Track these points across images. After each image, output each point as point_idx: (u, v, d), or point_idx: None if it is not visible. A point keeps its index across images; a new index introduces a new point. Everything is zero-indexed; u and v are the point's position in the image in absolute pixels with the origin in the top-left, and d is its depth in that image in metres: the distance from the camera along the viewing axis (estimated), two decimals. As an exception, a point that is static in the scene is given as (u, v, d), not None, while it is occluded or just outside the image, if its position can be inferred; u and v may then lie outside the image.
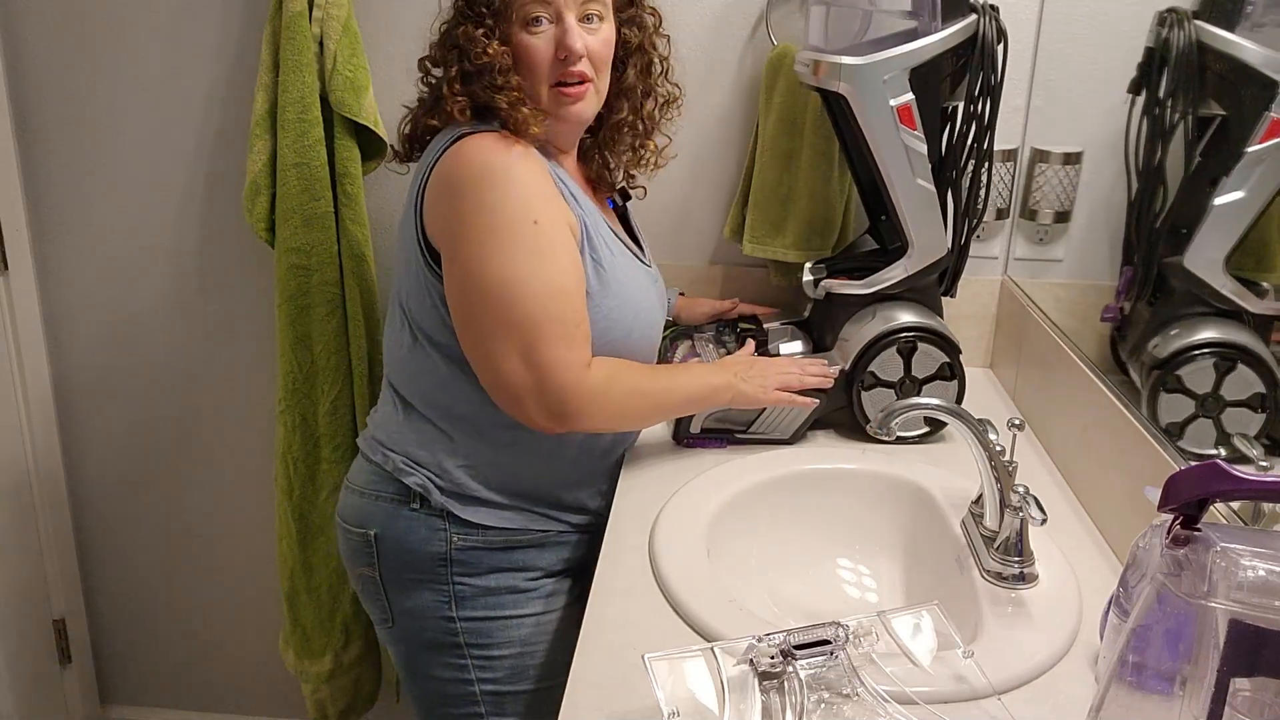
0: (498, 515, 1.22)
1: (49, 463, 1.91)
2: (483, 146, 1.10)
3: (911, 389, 1.37)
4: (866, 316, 1.39)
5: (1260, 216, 1.02)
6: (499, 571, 1.23)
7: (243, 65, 1.65)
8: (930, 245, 1.36)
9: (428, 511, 1.21)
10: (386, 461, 1.23)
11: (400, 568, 1.23)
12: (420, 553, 1.21)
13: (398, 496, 1.22)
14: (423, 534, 1.21)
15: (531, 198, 1.09)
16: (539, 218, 1.09)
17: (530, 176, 1.10)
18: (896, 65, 1.26)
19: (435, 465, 1.21)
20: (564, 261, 1.11)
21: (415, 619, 1.24)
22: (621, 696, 0.87)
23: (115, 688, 2.11)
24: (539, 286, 1.08)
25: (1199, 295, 1.08)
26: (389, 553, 1.22)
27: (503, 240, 1.07)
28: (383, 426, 1.26)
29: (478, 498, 1.21)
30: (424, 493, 1.20)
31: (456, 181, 1.10)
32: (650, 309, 1.25)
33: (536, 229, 1.08)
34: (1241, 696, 0.67)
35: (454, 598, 1.21)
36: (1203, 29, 1.11)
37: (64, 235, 1.79)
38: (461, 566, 1.21)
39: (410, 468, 1.21)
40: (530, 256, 1.08)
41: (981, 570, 1.03)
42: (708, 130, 1.64)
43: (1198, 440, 1.05)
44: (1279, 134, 0.99)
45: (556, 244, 1.10)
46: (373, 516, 1.23)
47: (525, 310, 1.08)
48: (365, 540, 1.23)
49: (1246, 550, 0.66)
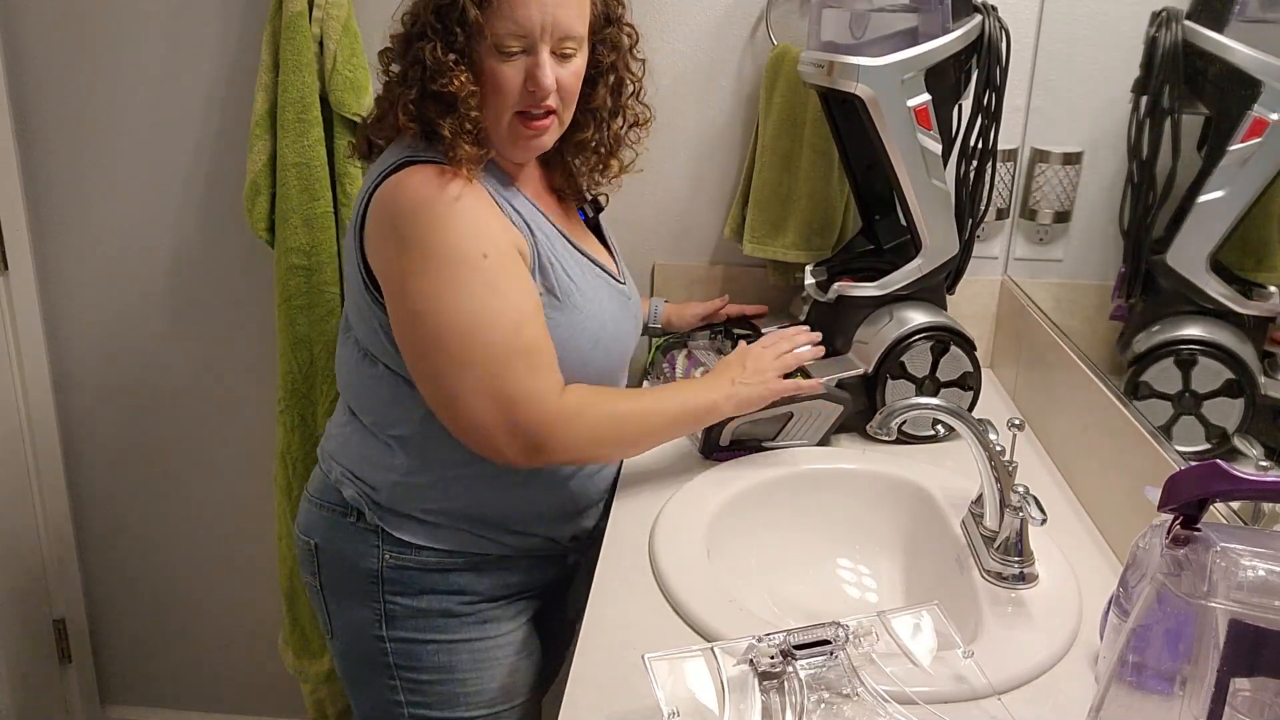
0: (433, 534, 1.16)
1: (49, 462, 1.91)
2: (424, 180, 1.04)
3: (930, 390, 1.38)
4: (882, 317, 1.39)
5: (1246, 215, 1.02)
6: (432, 593, 1.17)
7: (243, 65, 1.65)
8: (943, 245, 1.37)
9: (363, 526, 1.17)
10: (331, 471, 1.19)
11: (338, 580, 1.20)
12: (355, 567, 1.17)
13: (337, 507, 1.18)
14: (358, 548, 1.17)
15: (478, 231, 1.04)
16: (488, 250, 1.04)
17: (473, 211, 1.05)
18: (914, 66, 1.26)
19: (374, 479, 1.16)
20: (520, 290, 1.06)
21: (351, 634, 1.21)
22: (621, 696, 0.87)
23: (115, 688, 2.11)
24: (497, 320, 1.03)
25: (1184, 294, 1.08)
26: (328, 564, 1.20)
27: (454, 278, 1.02)
28: (334, 436, 1.23)
29: (414, 516, 1.16)
30: (359, 506, 1.16)
31: (398, 218, 1.04)
32: (614, 326, 1.18)
33: (487, 262, 1.03)
34: (1241, 696, 0.67)
35: (385, 616, 1.17)
36: (1189, 29, 1.11)
37: (64, 235, 1.79)
38: (393, 585, 1.17)
39: (350, 480, 1.17)
40: (484, 290, 1.03)
41: (981, 570, 1.03)
42: (708, 130, 1.64)
43: (1186, 438, 1.06)
44: (1261, 133, 0.99)
45: (510, 274, 1.05)
46: (316, 526, 1.21)
47: (486, 346, 1.03)
48: (308, 549, 1.22)
49: (1246, 550, 0.66)
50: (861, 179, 1.49)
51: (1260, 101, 0.99)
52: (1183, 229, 1.10)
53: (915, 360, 1.36)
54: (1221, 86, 1.08)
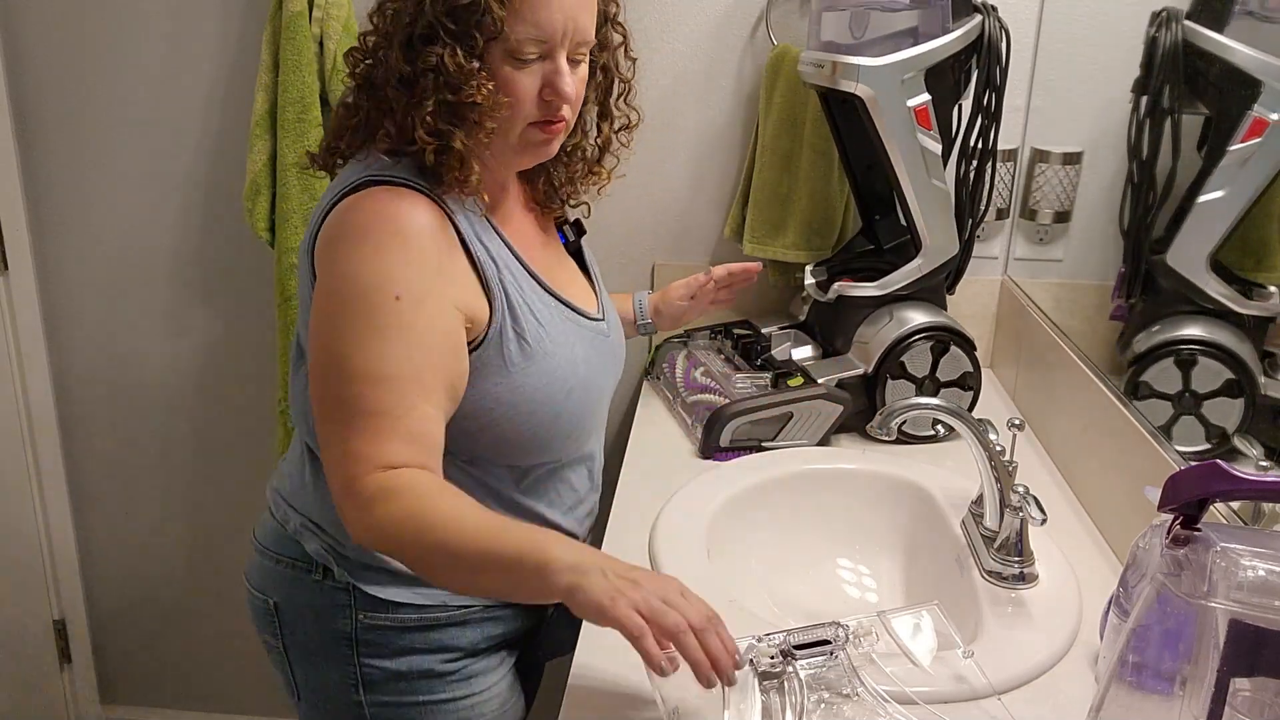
0: (410, 591, 1.04)
1: (49, 462, 1.91)
2: (379, 204, 0.94)
3: (930, 389, 1.38)
4: (882, 317, 1.39)
5: (1246, 215, 1.02)
6: (412, 653, 1.05)
7: (243, 65, 1.65)
8: (943, 245, 1.37)
9: (331, 584, 1.04)
10: (288, 521, 1.07)
11: (304, 641, 1.08)
12: (325, 629, 1.05)
13: (299, 562, 1.06)
14: (326, 608, 1.05)
15: (405, 269, 0.92)
16: (404, 293, 0.91)
17: (419, 246, 0.93)
18: (914, 65, 1.27)
19: (340, 530, 0.97)
20: (414, 348, 0.91)
21: (320, 697, 1.10)
22: (621, 696, 0.87)
23: (115, 688, 2.11)
24: (362, 368, 0.90)
25: (1184, 294, 1.08)
26: (292, 625, 1.08)
27: (352, 312, 0.91)
28: (289, 476, 1.10)
29: (387, 569, 1.03)
30: (325, 563, 1.04)
31: (340, 233, 0.94)
32: (586, 371, 1.05)
33: (396, 305, 0.90)
34: (1241, 696, 0.67)
35: (361, 680, 1.06)
36: (1189, 29, 1.11)
37: (64, 235, 1.79)
38: (369, 647, 1.05)
39: (312, 531, 1.05)
40: (365, 332, 0.90)
41: (981, 570, 1.03)
42: (708, 130, 1.64)
43: (1186, 438, 1.06)
44: (1261, 132, 0.99)
45: (417, 326, 0.91)
46: (273, 583, 1.09)
47: (340, 390, 0.91)
48: (266, 607, 1.09)
49: (1246, 550, 0.66)
50: (861, 179, 1.49)
51: (1260, 101, 0.99)
52: (1183, 229, 1.10)
53: (915, 360, 1.36)
54: (1221, 86, 1.08)
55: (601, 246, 1.70)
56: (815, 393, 1.31)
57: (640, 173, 1.66)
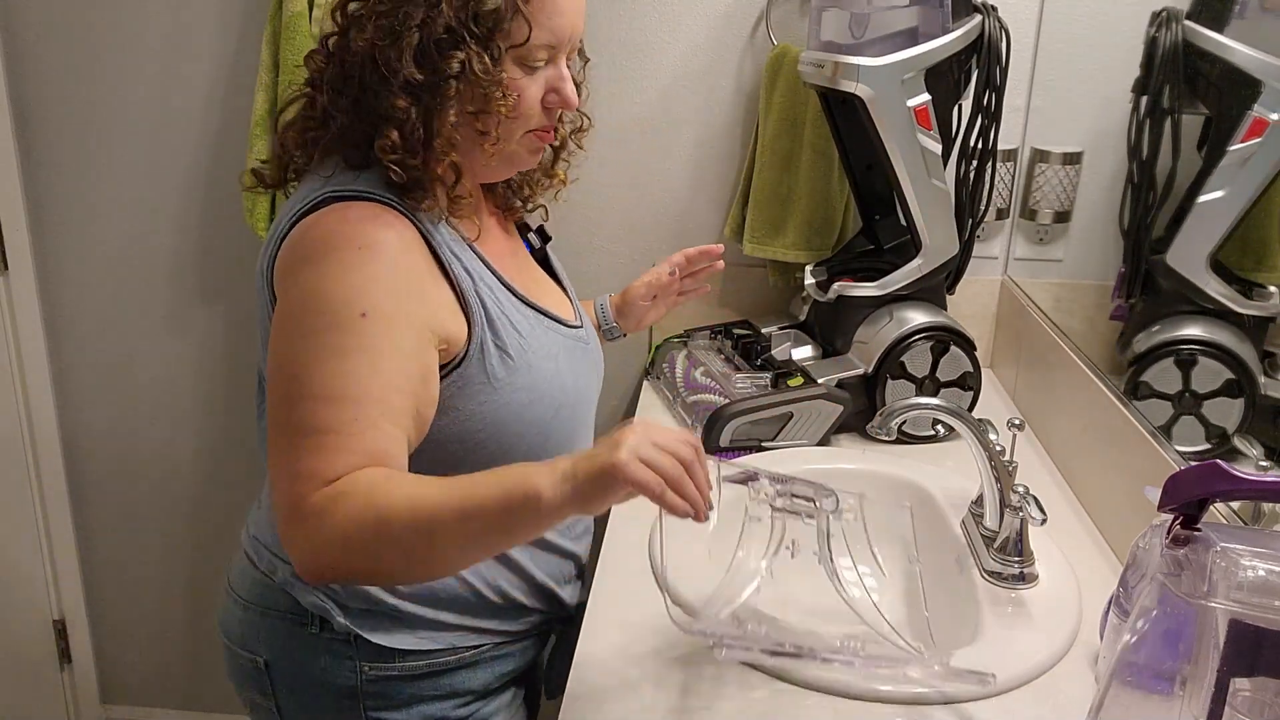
0: (417, 637, 0.98)
1: (49, 462, 1.91)
2: (347, 219, 0.88)
3: (930, 389, 1.38)
4: (882, 317, 1.39)
5: (1246, 215, 1.03)
6: (422, 702, 0.99)
7: (243, 65, 1.65)
8: (943, 245, 1.37)
9: (329, 635, 0.97)
10: (274, 571, 0.99)
11: (302, 699, 1.01)
12: (325, 685, 0.98)
13: (291, 614, 0.98)
14: (325, 663, 0.97)
15: (373, 287, 0.85)
16: (371, 311, 0.84)
17: (389, 264, 0.87)
18: (914, 66, 1.27)
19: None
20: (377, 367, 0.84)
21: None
22: (622, 697, 0.87)
23: (115, 688, 2.11)
24: (315, 386, 0.83)
25: (1184, 294, 1.08)
26: (286, 684, 1.00)
27: (306, 326, 0.85)
28: (265, 526, 1.02)
29: (391, 615, 0.97)
30: (322, 614, 0.96)
31: (303, 249, 0.88)
32: (573, 382, 1.02)
33: (359, 323, 0.84)
34: (1241, 696, 0.67)
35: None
36: (1190, 29, 1.11)
37: (64, 235, 1.79)
38: (376, 699, 0.98)
39: (302, 582, 0.96)
40: (324, 350, 0.83)
41: (981, 570, 1.03)
42: (708, 130, 1.63)
43: (1186, 438, 1.06)
44: (1261, 132, 0.99)
45: (381, 346, 0.84)
46: (260, 638, 1.01)
47: (293, 409, 0.83)
48: (254, 666, 1.01)
49: (1246, 550, 0.66)
50: (861, 179, 1.49)
51: (1260, 101, 0.99)
52: (1183, 229, 1.10)
53: (915, 360, 1.36)
54: (1222, 86, 1.08)
55: (601, 246, 1.70)
56: (815, 393, 1.31)
57: (640, 173, 1.66)
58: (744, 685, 0.88)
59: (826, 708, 0.86)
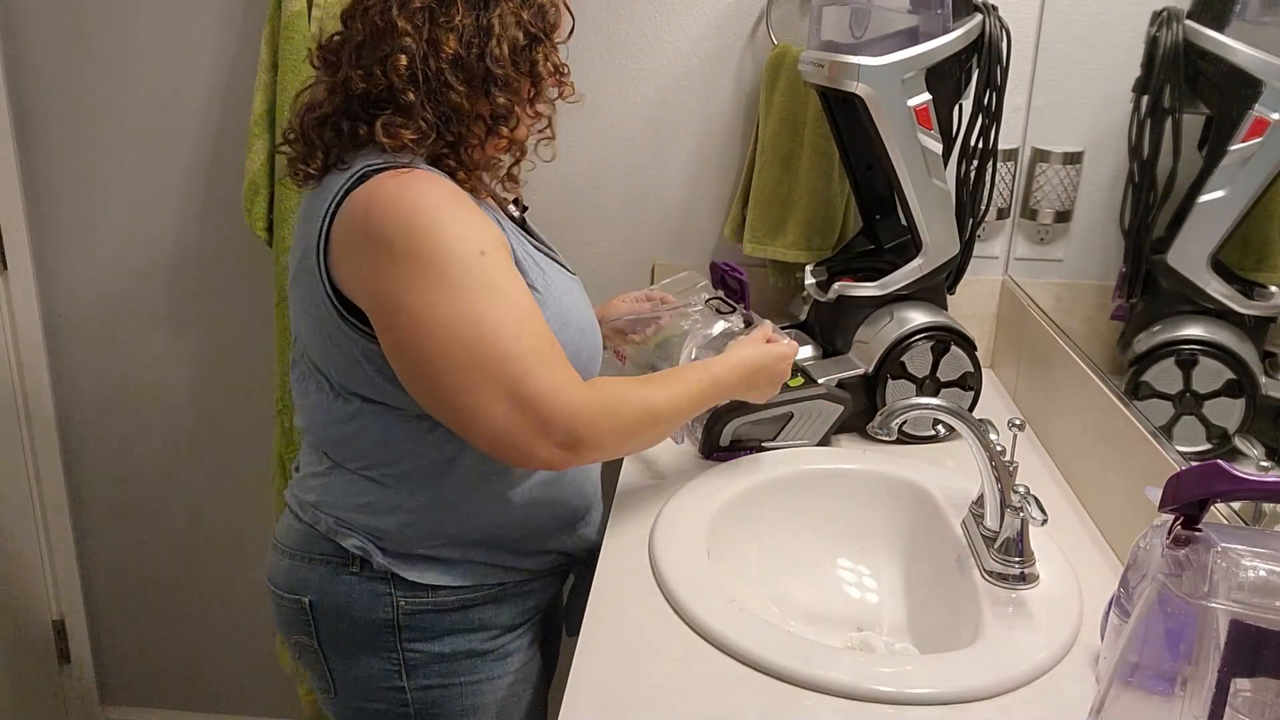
0: (448, 573, 1.09)
1: (49, 463, 1.91)
2: (400, 187, 0.96)
3: (930, 389, 1.38)
4: (883, 317, 1.39)
5: (1246, 215, 1.02)
6: (453, 634, 1.10)
7: (242, 65, 1.65)
8: (943, 245, 1.37)
9: (369, 575, 1.07)
10: (318, 522, 1.09)
11: (342, 636, 1.10)
12: (364, 620, 1.08)
13: (334, 559, 1.08)
14: (365, 600, 1.08)
15: (470, 230, 0.96)
16: (484, 247, 0.96)
17: (458, 207, 0.97)
18: (915, 65, 1.26)
19: (374, 525, 1.07)
20: (518, 288, 0.99)
21: (360, 689, 1.11)
22: (621, 696, 0.87)
23: (115, 688, 2.11)
24: (505, 319, 0.95)
25: (1185, 294, 1.08)
26: (327, 620, 1.10)
27: (453, 282, 0.94)
28: (311, 486, 1.12)
29: (425, 555, 1.08)
30: (364, 555, 1.07)
31: (379, 231, 0.95)
32: (588, 320, 1.13)
33: (484, 260, 0.96)
34: (1242, 697, 0.67)
35: (404, 666, 1.09)
36: (1190, 28, 1.11)
37: (64, 235, 1.79)
38: (411, 632, 1.08)
39: (347, 529, 1.07)
40: (486, 290, 0.95)
41: (982, 570, 1.03)
42: (708, 130, 1.63)
43: (1186, 438, 1.06)
44: (1262, 132, 0.99)
45: (506, 270, 0.98)
46: (306, 582, 1.10)
47: (499, 348, 0.94)
48: (300, 607, 1.10)
49: (1247, 550, 0.66)
50: (861, 179, 1.49)
51: (1261, 101, 0.99)
52: (1184, 229, 1.10)
53: (916, 360, 1.36)
54: (1222, 86, 1.08)
55: (601, 246, 1.70)
56: (815, 393, 1.31)
57: (640, 173, 1.66)
58: (744, 685, 0.88)
59: (826, 708, 0.85)
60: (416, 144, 0.99)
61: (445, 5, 0.98)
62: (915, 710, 0.85)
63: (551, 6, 1.03)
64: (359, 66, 1.00)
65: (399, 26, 0.97)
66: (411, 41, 0.97)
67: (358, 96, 1.00)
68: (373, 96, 0.99)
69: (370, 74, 0.99)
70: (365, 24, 1.00)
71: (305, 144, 1.03)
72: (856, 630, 1.13)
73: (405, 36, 0.97)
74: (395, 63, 0.98)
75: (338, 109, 1.01)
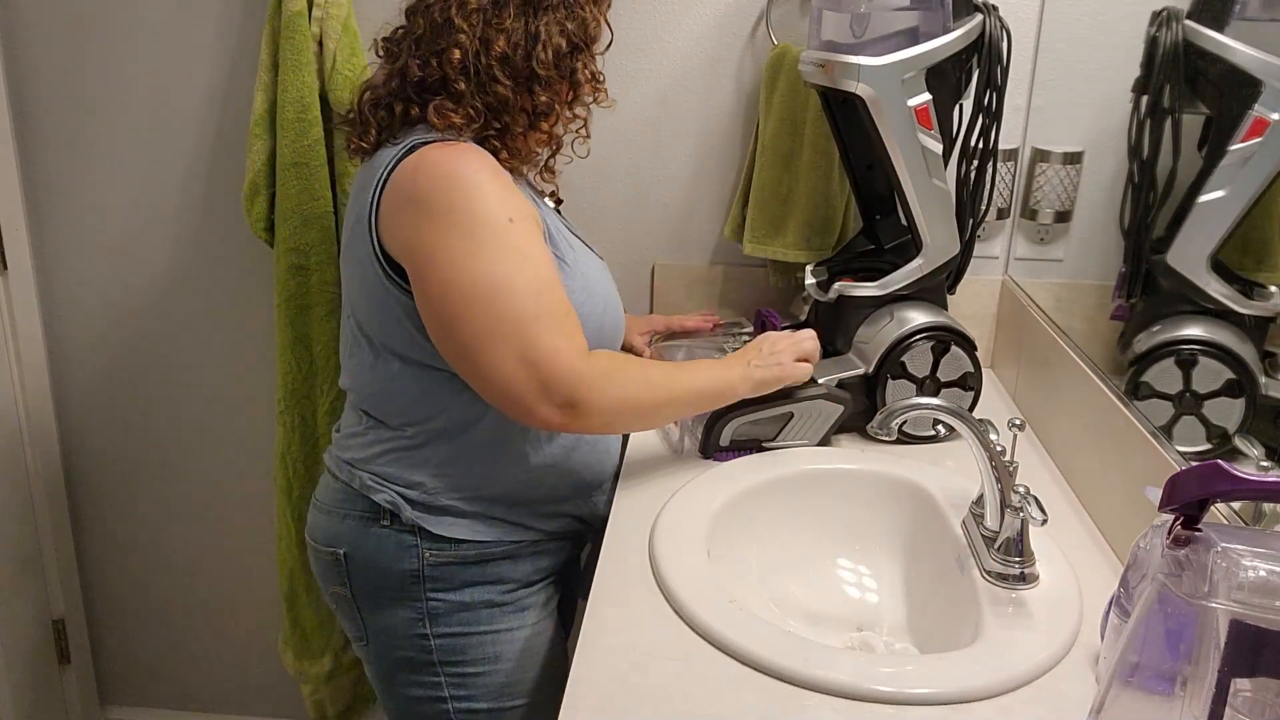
0: (470, 528, 1.18)
1: (48, 462, 1.91)
2: (444, 155, 1.08)
3: (931, 390, 1.38)
4: (883, 317, 1.39)
5: (1246, 215, 1.02)
6: (473, 586, 1.20)
7: (242, 65, 1.65)
8: (944, 245, 1.37)
9: (398, 528, 1.17)
10: (354, 479, 1.20)
11: (372, 586, 1.20)
12: (392, 570, 1.18)
13: (366, 514, 1.19)
14: (393, 551, 1.18)
15: (502, 198, 1.07)
16: (513, 215, 1.07)
17: (495, 177, 1.08)
18: (915, 65, 1.26)
19: (405, 480, 1.17)
20: (541, 258, 1.08)
21: (389, 637, 1.21)
22: (621, 696, 0.87)
23: (115, 688, 2.11)
24: (524, 283, 1.05)
25: (1184, 294, 1.08)
26: (360, 571, 1.20)
27: (481, 242, 1.04)
28: (349, 445, 1.23)
29: (450, 510, 1.18)
30: (394, 509, 1.17)
31: (422, 191, 1.06)
32: (612, 297, 1.24)
33: (512, 226, 1.06)
34: (1242, 697, 0.67)
35: (427, 615, 1.19)
36: (1190, 28, 1.11)
37: (64, 235, 1.79)
38: (435, 582, 1.18)
39: (379, 484, 1.18)
40: (511, 254, 1.05)
41: (982, 570, 1.03)
42: (708, 130, 1.63)
43: (1186, 438, 1.05)
44: (1261, 132, 0.99)
45: (534, 240, 1.08)
46: (341, 535, 1.20)
47: (515, 308, 1.04)
48: (335, 559, 1.21)
49: (1247, 550, 0.66)
50: (862, 179, 1.48)
51: (1261, 101, 0.99)
52: (1183, 229, 1.09)
53: (916, 360, 1.36)
54: (1222, 86, 1.08)
55: (601, 246, 1.70)
56: (815, 393, 1.31)
57: (640, 173, 1.66)
58: (744, 685, 0.88)
59: (826, 708, 0.86)
60: (464, 126, 1.10)
61: (498, 9, 1.10)
62: (915, 710, 0.85)
63: (594, 21, 1.15)
64: (417, 56, 1.12)
65: (456, 24, 1.09)
66: (466, 38, 1.10)
67: (413, 83, 1.12)
68: (427, 83, 1.12)
69: (426, 64, 1.11)
70: (426, 20, 1.12)
71: (361, 122, 1.16)
72: (856, 630, 1.13)
73: (461, 33, 1.09)
74: (450, 56, 1.10)
75: (392, 92, 1.14)
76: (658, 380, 1.15)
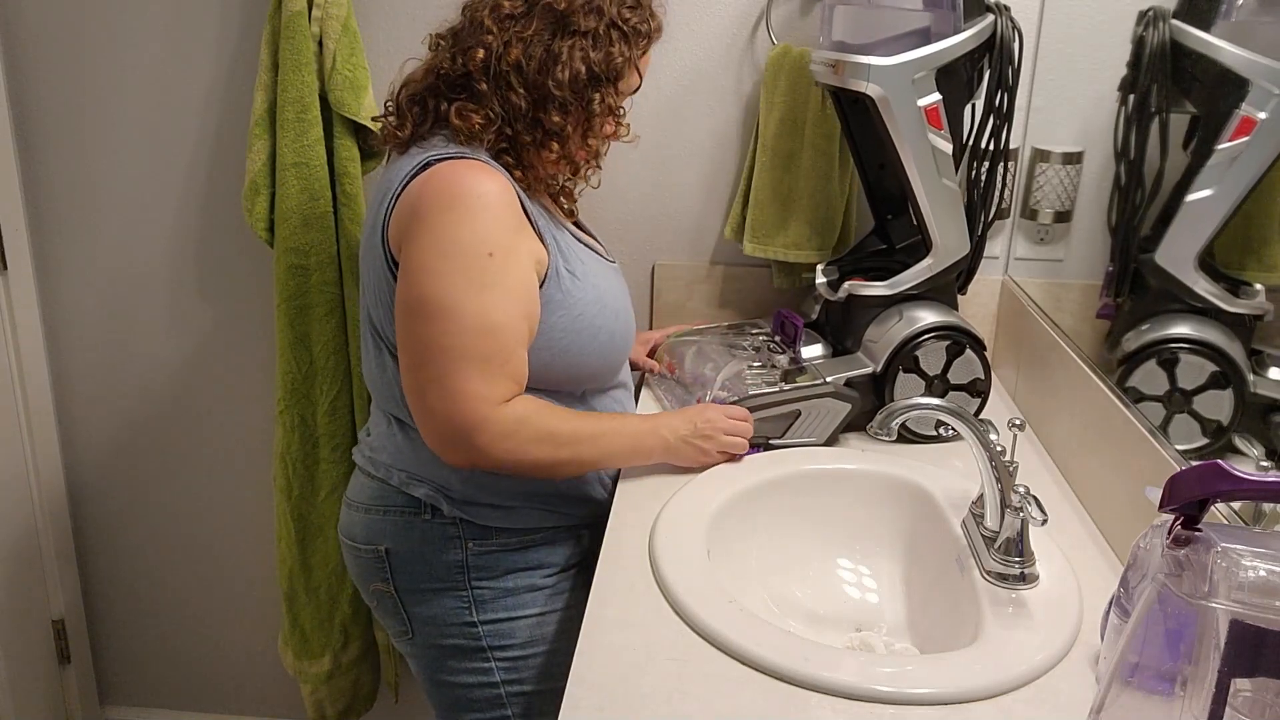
0: (511, 516, 1.22)
1: (48, 463, 1.91)
2: (453, 172, 1.10)
3: (939, 390, 1.37)
4: (892, 317, 1.39)
5: (1234, 214, 1.02)
6: (516, 572, 1.23)
7: (242, 65, 1.65)
8: (954, 245, 1.37)
9: (441, 521, 1.20)
10: (390, 476, 1.22)
11: (416, 579, 1.22)
12: (436, 562, 1.21)
13: (407, 509, 1.21)
14: (438, 543, 1.20)
15: (493, 229, 1.08)
16: (495, 250, 1.07)
17: (499, 208, 1.09)
18: (926, 65, 1.26)
19: (446, 477, 1.20)
20: (508, 298, 1.09)
21: (435, 627, 1.23)
22: (621, 696, 0.87)
23: (115, 688, 2.11)
24: (471, 317, 1.06)
25: (1172, 292, 1.08)
26: (403, 566, 1.22)
27: (451, 266, 1.06)
28: (380, 447, 1.25)
29: (489, 503, 1.21)
30: (434, 504, 1.20)
31: (424, 204, 1.09)
32: (624, 307, 1.26)
33: (489, 261, 1.07)
34: (1242, 697, 0.67)
35: (474, 602, 1.21)
36: (1177, 28, 1.11)
37: (64, 235, 1.79)
38: (479, 571, 1.21)
39: (418, 481, 1.21)
40: (470, 286, 1.06)
41: (982, 570, 1.03)
42: (708, 130, 1.63)
43: (1181, 436, 1.06)
44: (1248, 131, 0.99)
45: (508, 280, 1.09)
46: (382, 532, 1.22)
47: (450, 339, 1.06)
48: (376, 556, 1.23)
49: (1247, 550, 0.66)
50: (873, 179, 1.48)
51: (1248, 100, 0.99)
52: (1171, 228, 1.09)
53: (925, 360, 1.36)
54: (1209, 85, 1.07)
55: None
56: (823, 391, 1.31)
57: (641, 173, 1.66)
58: (744, 685, 0.88)
59: (826, 708, 0.86)
60: (483, 129, 1.13)
61: (524, 20, 1.12)
62: (915, 710, 0.85)
63: (621, 58, 1.15)
64: (449, 52, 1.16)
65: (485, 25, 1.13)
66: (492, 39, 1.13)
67: (443, 78, 1.15)
68: (453, 79, 1.15)
69: (454, 59, 1.15)
70: (466, 17, 1.16)
71: (398, 115, 1.19)
72: (856, 630, 1.13)
73: (488, 34, 1.13)
74: (474, 54, 1.13)
75: (427, 87, 1.17)
76: (566, 440, 1.15)
